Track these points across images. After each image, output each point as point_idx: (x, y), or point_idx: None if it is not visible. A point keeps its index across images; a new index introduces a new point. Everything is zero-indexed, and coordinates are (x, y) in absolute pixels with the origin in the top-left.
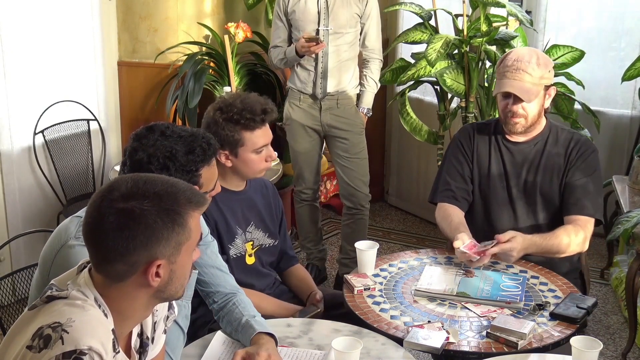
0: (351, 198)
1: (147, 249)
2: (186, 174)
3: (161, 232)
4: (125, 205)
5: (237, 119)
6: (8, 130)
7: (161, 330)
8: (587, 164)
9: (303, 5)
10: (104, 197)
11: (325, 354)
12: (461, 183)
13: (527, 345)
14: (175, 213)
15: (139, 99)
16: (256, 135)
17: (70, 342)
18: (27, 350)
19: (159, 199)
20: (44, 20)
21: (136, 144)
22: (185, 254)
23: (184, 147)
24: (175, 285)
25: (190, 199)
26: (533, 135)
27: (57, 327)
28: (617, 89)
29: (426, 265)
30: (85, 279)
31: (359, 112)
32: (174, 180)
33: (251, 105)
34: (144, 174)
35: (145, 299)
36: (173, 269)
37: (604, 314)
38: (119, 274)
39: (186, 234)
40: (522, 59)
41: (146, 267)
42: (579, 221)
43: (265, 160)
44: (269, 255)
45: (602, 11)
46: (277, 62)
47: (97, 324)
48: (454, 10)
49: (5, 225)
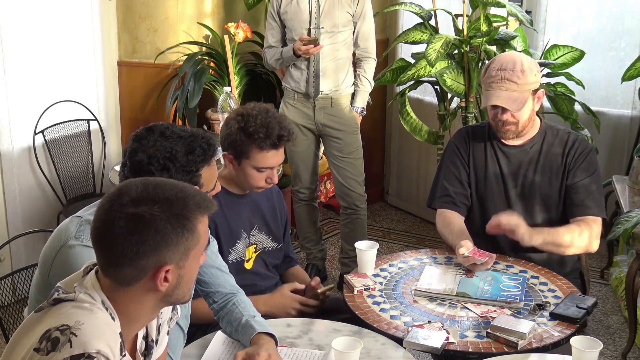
0: (346, 198)
1: (157, 254)
2: (186, 175)
3: (171, 237)
4: (136, 210)
5: (251, 132)
6: (8, 130)
7: (165, 332)
8: (588, 164)
9: (295, 6)
10: (114, 201)
11: (325, 354)
12: (459, 188)
13: (527, 345)
14: (185, 218)
15: (139, 99)
16: (264, 155)
17: (79, 346)
18: (34, 353)
19: (169, 204)
20: (44, 20)
21: (136, 145)
22: (193, 259)
23: (184, 147)
24: (183, 289)
25: (200, 204)
26: (528, 138)
27: (65, 330)
28: (617, 89)
29: (426, 265)
30: (92, 282)
31: (353, 112)
32: (183, 185)
33: (270, 126)
34: (153, 179)
35: (152, 303)
36: (181, 274)
37: (604, 314)
38: (127, 279)
39: (195, 239)
40: (505, 67)
41: (155, 272)
42: (584, 222)
43: (265, 181)
44: (274, 258)
45: (602, 11)
46: (273, 63)
47: (105, 328)
48: (454, 10)
49: (5, 225)
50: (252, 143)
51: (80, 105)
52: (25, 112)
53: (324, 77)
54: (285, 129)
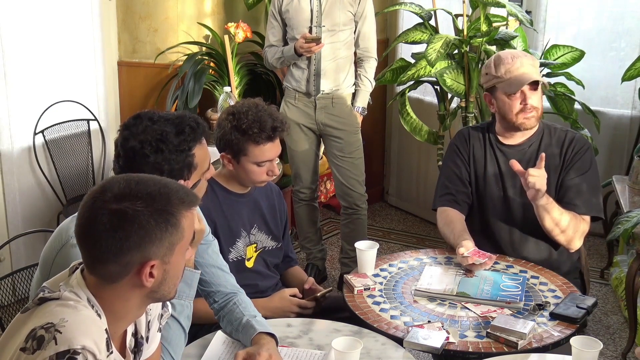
0: (346, 198)
1: (141, 250)
2: (180, 154)
3: (154, 232)
4: (119, 206)
5: (245, 129)
6: (8, 130)
7: (156, 329)
8: (582, 162)
9: (296, 5)
10: (97, 198)
11: (325, 354)
12: (460, 186)
13: (527, 345)
14: (169, 213)
15: (139, 99)
16: (261, 149)
17: (64, 342)
18: (20, 353)
19: (152, 199)
20: (44, 20)
21: (126, 133)
22: (178, 254)
23: (174, 128)
24: (169, 285)
25: (183, 199)
26: (527, 137)
27: (50, 328)
28: (617, 89)
29: (426, 265)
30: (77, 280)
31: (353, 112)
32: (167, 181)
33: (262, 119)
34: (136, 175)
35: (138, 299)
36: (167, 269)
37: (604, 314)
38: (112, 275)
39: (179, 234)
40: (515, 54)
41: (140, 268)
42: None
43: (267, 174)
44: (274, 258)
45: (602, 11)
46: (274, 62)
47: (90, 324)
48: (454, 10)
49: (5, 225)
50: (247, 139)
51: (80, 105)
52: (25, 112)
53: (325, 77)
54: (278, 120)
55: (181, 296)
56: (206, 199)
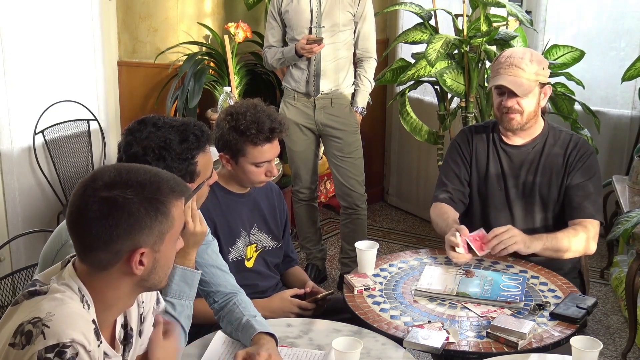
0: (346, 198)
1: (130, 237)
2: (183, 162)
3: (144, 220)
4: (109, 194)
5: (243, 130)
6: (8, 130)
7: (150, 323)
8: (587, 166)
9: (296, 5)
10: (87, 186)
11: (325, 354)
12: (458, 185)
13: (527, 345)
14: (159, 202)
15: (139, 99)
16: (259, 150)
17: (52, 336)
18: (10, 348)
19: (142, 187)
20: (44, 20)
21: (130, 138)
22: (169, 243)
23: (178, 136)
24: (159, 274)
25: (174, 188)
26: (532, 138)
27: (37, 323)
28: (617, 89)
29: (426, 265)
30: (69, 272)
31: (353, 112)
32: (157, 170)
33: (261, 120)
34: (127, 164)
35: (129, 287)
36: (157, 258)
37: (604, 314)
38: (102, 263)
39: (169, 222)
40: (515, 55)
41: (129, 255)
42: (581, 224)
43: (265, 175)
44: (275, 257)
45: (602, 11)
46: (273, 62)
47: (77, 317)
48: (454, 10)
49: (5, 225)
50: (245, 140)
51: (80, 105)
52: (25, 112)
53: (325, 77)
54: (276, 121)
55: (181, 296)
56: (206, 199)
